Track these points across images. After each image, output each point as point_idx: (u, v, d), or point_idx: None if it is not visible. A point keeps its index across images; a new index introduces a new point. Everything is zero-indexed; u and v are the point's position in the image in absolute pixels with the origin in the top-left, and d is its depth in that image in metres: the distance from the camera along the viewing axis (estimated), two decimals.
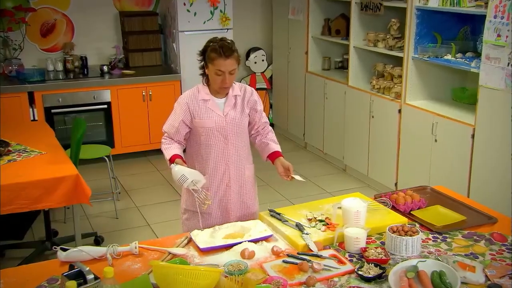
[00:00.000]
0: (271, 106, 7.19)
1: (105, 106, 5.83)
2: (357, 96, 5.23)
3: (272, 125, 7.22)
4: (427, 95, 4.69)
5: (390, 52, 4.84)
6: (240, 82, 7.12)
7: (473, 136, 3.95)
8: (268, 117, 7.07)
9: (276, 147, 2.99)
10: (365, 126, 5.15)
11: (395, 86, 4.76)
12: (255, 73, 7.12)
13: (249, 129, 2.99)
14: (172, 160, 2.75)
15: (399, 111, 4.69)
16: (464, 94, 4.57)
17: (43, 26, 6.17)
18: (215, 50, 2.72)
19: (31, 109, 5.53)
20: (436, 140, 4.29)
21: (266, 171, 5.70)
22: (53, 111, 5.61)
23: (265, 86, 7.15)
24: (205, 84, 2.87)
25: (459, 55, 4.37)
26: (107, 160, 4.67)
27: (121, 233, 4.38)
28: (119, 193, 5.15)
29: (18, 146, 3.97)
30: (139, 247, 2.46)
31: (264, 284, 2.06)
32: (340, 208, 2.58)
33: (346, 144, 5.51)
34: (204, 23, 6.15)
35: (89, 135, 5.82)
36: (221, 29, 6.20)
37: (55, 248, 2.39)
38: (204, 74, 2.86)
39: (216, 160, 2.87)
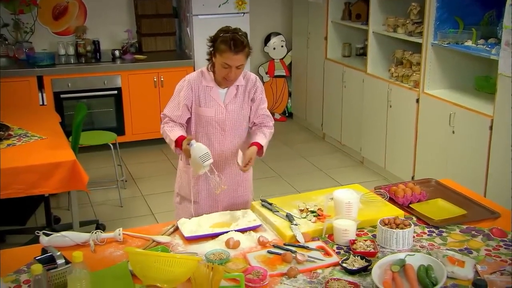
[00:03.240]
0: (290, 95, 7.19)
1: (116, 92, 5.93)
2: (375, 84, 5.20)
3: (290, 114, 7.23)
4: (448, 84, 4.63)
5: (409, 38, 4.79)
6: (258, 68, 7.17)
7: (491, 127, 3.89)
8: (286, 106, 7.18)
9: (259, 138, 2.93)
10: (382, 116, 5.11)
11: (414, 74, 4.72)
12: (273, 59, 7.12)
13: (251, 117, 2.98)
14: (179, 141, 2.76)
15: (417, 100, 4.65)
16: (488, 83, 4.50)
17: (55, 9, 6.29)
18: (226, 43, 2.69)
19: (40, 94, 5.67)
20: (453, 132, 4.24)
21: (278, 162, 5.77)
22: (62, 96, 5.74)
23: (284, 74, 7.15)
24: (210, 70, 2.86)
25: (481, 41, 4.30)
26: (112, 147, 4.75)
27: (124, 222, 4.47)
28: (126, 181, 5.25)
29: (20, 130, 4.08)
30: (123, 234, 2.52)
31: (236, 273, 2.09)
32: (332, 199, 2.59)
33: (364, 135, 5.49)
34: (219, 6, 6.18)
35: (98, 121, 5.96)
36: (237, 13, 6.23)
37: (37, 233, 2.46)
38: (210, 60, 2.84)
39: (210, 150, 2.85)
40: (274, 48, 7.08)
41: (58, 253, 1.96)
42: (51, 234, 2.46)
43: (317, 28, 6.24)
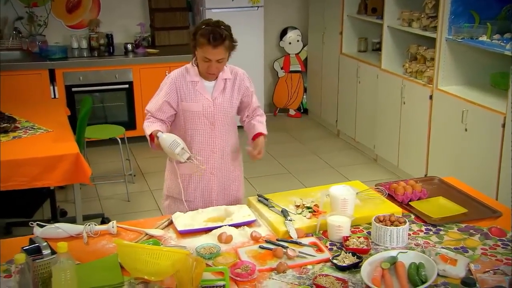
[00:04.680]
0: (305, 90, 7.19)
1: (127, 85, 6.00)
2: (389, 80, 5.17)
3: (305, 110, 7.23)
4: (463, 80, 4.59)
5: (423, 32, 4.76)
6: (273, 63, 7.18)
7: (503, 125, 3.85)
8: (302, 102, 7.18)
9: (260, 128, 2.97)
10: (396, 113, 5.09)
11: (428, 70, 4.69)
12: (289, 54, 7.13)
13: (241, 114, 3.02)
14: (152, 136, 2.78)
15: (430, 97, 4.62)
16: (503, 80, 4.44)
17: (69, 2, 6.40)
18: (205, 36, 2.69)
19: (51, 87, 5.77)
20: (466, 129, 4.20)
21: (289, 158, 5.78)
22: (73, 89, 5.83)
23: (300, 69, 7.15)
24: (194, 64, 2.87)
25: (496, 36, 4.25)
26: (119, 141, 4.82)
27: (130, 216, 4.53)
28: (135, 175, 5.32)
29: (27, 123, 4.16)
30: (117, 227, 2.57)
31: (220, 267, 2.11)
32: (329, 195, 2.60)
33: (377, 132, 5.47)
34: (233, 0, 6.20)
35: (110, 115, 6.04)
36: (251, 6, 6.28)
37: (31, 224, 2.52)
38: (193, 53, 2.85)
39: (201, 147, 2.90)
40: (290, 43, 7.08)
41: (44, 243, 2.00)
42: (45, 225, 2.52)
43: (332, 23, 6.23)
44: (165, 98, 2.86)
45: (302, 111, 7.28)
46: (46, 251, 1.97)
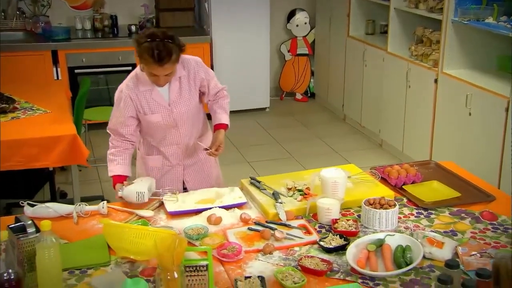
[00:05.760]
0: (312, 74, 7.18)
1: (130, 67, 6.01)
2: (395, 63, 5.15)
3: (312, 94, 7.22)
4: (469, 64, 4.56)
5: (430, 14, 4.73)
6: (280, 46, 7.16)
7: (507, 109, 3.83)
8: (309, 86, 7.17)
9: (221, 117, 2.92)
10: (401, 97, 5.08)
11: (433, 53, 4.66)
12: (296, 37, 7.11)
13: (203, 99, 2.95)
14: (114, 183, 2.74)
15: (435, 80, 4.60)
16: (510, 63, 4.41)
17: None
18: (148, 53, 2.54)
19: (54, 68, 5.81)
20: (470, 114, 4.19)
21: (293, 143, 5.79)
22: (76, 71, 5.87)
23: (307, 52, 7.13)
24: (143, 70, 2.71)
25: (503, 18, 4.21)
26: None
27: None
28: (135, 158, 5.34)
29: (26, 104, 4.21)
30: (107, 207, 2.61)
31: (204, 247, 2.14)
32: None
33: (383, 117, 5.46)
34: None
35: (113, 97, 6.05)
36: None
37: (21, 203, 2.57)
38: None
39: (167, 146, 2.89)
40: (297, 25, 7.06)
41: (29, 221, 2.04)
42: (35, 205, 2.57)
43: (340, 4, 6.20)
44: (126, 113, 2.77)
45: (309, 95, 7.28)
46: (30, 229, 2.01)
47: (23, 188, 4.61)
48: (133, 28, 6.21)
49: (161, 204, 2.65)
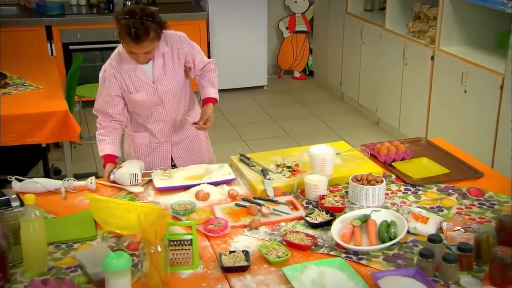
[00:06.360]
0: (311, 51, 7.16)
1: None
2: (392, 40, 5.15)
3: (311, 72, 7.21)
4: (466, 41, 4.55)
5: None
6: (278, 23, 7.14)
7: (501, 86, 3.83)
8: (307, 64, 7.16)
9: (209, 91, 2.91)
10: (398, 75, 5.08)
11: (430, 30, 4.66)
12: (294, 13, 7.08)
13: (190, 74, 2.94)
14: (105, 163, 2.75)
15: (432, 57, 4.60)
16: (508, 40, 4.39)
17: None
18: (125, 30, 2.52)
19: (49, 44, 5.81)
20: (465, 91, 4.19)
21: (290, 121, 5.81)
22: (71, 47, 5.86)
23: (305, 29, 7.11)
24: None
25: None
26: None
27: None
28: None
29: (18, 80, 4.23)
30: (96, 183, 2.63)
31: (188, 222, 2.18)
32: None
33: (380, 95, 5.47)
34: None
35: None
36: None
37: (9, 178, 2.60)
38: None
39: (154, 123, 2.90)
40: (296, 1, 7.02)
41: (14, 196, 2.07)
42: (23, 180, 2.60)
43: None
44: (112, 92, 2.77)
45: (307, 73, 7.27)
46: (15, 203, 2.04)
47: (17, 165, 4.65)
48: (129, 3, 6.19)
49: (151, 181, 2.68)
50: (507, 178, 2.65)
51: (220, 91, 2.99)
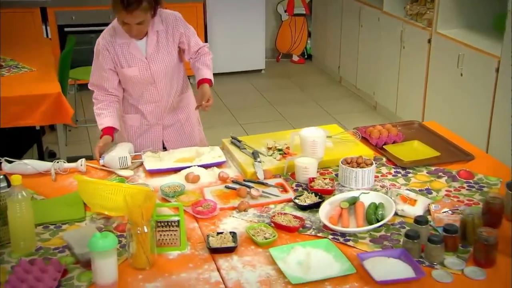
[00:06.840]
0: (309, 35, 7.15)
1: None
2: (390, 23, 5.14)
3: (309, 56, 7.20)
4: (464, 23, 4.54)
5: None
6: (277, 6, 7.12)
7: (497, 69, 3.84)
8: (306, 47, 7.15)
9: (204, 73, 2.92)
10: (395, 58, 5.08)
11: (428, 12, 4.64)
12: None
13: (184, 57, 2.95)
14: (102, 135, 2.75)
15: (429, 41, 4.59)
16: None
17: None
18: (116, 0, 2.54)
19: (44, 26, 5.80)
20: (461, 74, 4.20)
21: (287, 105, 5.81)
22: (66, 29, 5.86)
23: (304, 12, 7.09)
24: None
25: None
26: None
27: None
28: None
29: (12, 61, 4.24)
30: (87, 165, 2.65)
31: (175, 203, 2.20)
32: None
33: (377, 79, 5.47)
34: None
35: None
36: None
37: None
38: None
39: (146, 104, 2.91)
40: None
41: (1, 176, 2.09)
42: (13, 161, 2.62)
43: None
44: (106, 66, 2.78)
45: (306, 57, 7.27)
46: (2, 184, 2.06)
47: (12, 147, 4.67)
48: None
49: (141, 164, 2.70)
50: (498, 161, 2.66)
51: (217, 74, 3.01)
